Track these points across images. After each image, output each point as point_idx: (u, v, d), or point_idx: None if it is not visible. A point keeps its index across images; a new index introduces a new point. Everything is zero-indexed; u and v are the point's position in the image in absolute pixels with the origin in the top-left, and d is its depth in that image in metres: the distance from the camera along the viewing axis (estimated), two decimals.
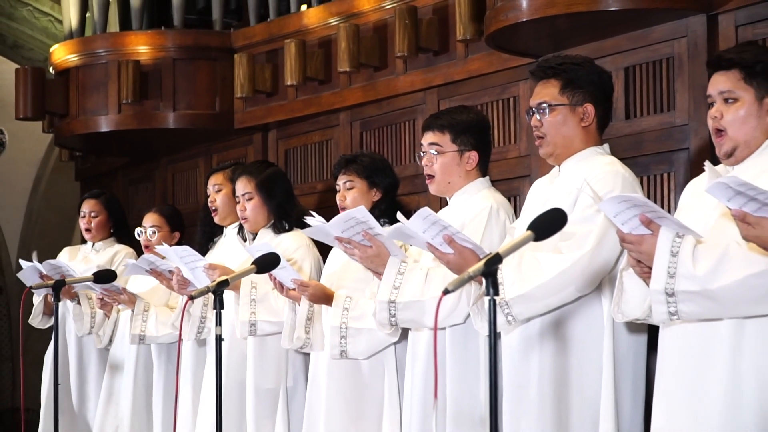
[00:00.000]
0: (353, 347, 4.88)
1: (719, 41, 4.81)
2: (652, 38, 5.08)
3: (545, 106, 4.19)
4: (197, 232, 6.29)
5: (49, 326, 6.71)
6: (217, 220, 6.06)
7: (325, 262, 5.41)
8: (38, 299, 6.86)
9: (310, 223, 4.67)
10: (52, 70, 7.99)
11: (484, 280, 2.98)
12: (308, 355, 5.29)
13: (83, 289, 6.41)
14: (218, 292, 4.37)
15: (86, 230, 7.01)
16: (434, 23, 6.08)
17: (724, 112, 3.55)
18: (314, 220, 4.63)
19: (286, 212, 5.65)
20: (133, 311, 6.19)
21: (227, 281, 4.42)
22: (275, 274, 4.99)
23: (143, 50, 7.46)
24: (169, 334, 6.13)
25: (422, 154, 4.67)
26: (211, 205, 6.04)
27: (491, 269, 2.98)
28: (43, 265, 6.33)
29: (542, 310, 4.04)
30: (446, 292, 2.95)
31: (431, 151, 4.63)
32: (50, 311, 6.57)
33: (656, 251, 3.36)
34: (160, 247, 5.71)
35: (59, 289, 5.67)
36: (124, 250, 6.96)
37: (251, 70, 7.12)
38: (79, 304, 6.58)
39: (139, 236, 6.57)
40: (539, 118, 4.21)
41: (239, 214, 5.71)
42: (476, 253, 3.98)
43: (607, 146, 4.26)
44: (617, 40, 5.20)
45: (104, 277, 5.91)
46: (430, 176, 4.67)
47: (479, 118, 4.76)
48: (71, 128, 7.78)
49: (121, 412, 6.49)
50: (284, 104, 7.10)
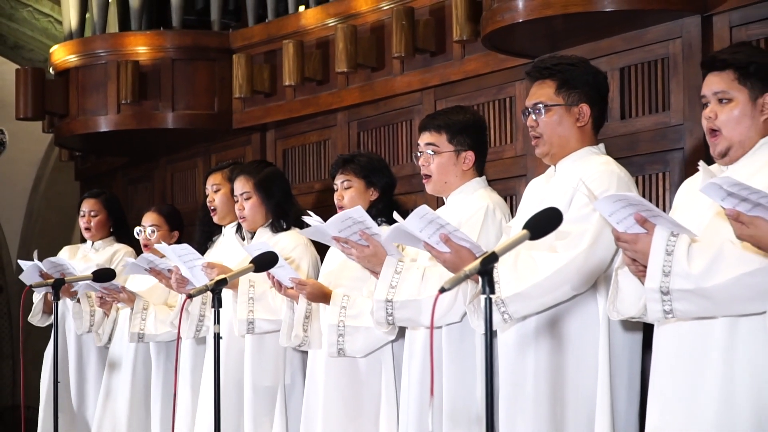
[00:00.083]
0: (351, 345, 4.88)
1: (714, 42, 4.82)
2: (647, 39, 5.09)
3: (541, 106, 4.18)
4: (196, 231, 6.28)
5: (48, 324, 6.71)
6: (216, 219, 6.05)
7: (322, 261, 5.41)
8: (38, 297, 6.86)
9: (307, 222, 4.68)
10: (52, 70, 7.99)
11: (480, 278, 3.00)
12: (306, 353, 5.28)
13: (83, 288, 6.39)
14: (217, 290, 4.39)
15: (86, 229, 7.00)
16: (431, 24, 6.09)
17: (718, 112, 3.56)
18: (312, 219, 4.63)
19: (284, 211, 5.65)
20: (132, 310, 6.19)
21: (225, 280, 4.44)
22: (273, 272, 4.99)
23: (142, 51, 7.45)
24: (168, 332, 6.13)
25: (419, 154, 4.66)
26: (209, 204, 6.04)
27: (487, 268, 2.99)
28: (43, 263, 6.34)
29: (538, 308, 4.04)
30: (442, 290, 2.95)
31: (428, 151, 4.62)
32: (50, 309, 6.57)
33: (651, 250, 3.36)
34: (158, 245, 5.71)
35: (59, 287, 5.67)
36: (123, 249, 6.95)
37: (249, 70, 7.12)
38: (78, 302, 6.57)
39: (138, 235, 6.57)
40: (535, 118, 4.20)
41: (237, 213, 5.71)
42: (473, 251, 3.97)
43: (602, 146, 4.25)
44: (613, 40, 5.20)
45: (103, 275, 5.90)
46: (426, 176, 4.66)
47: (475, 118, 4.75)
48: (71, 128, 7.78)
49: (118, 409, 6.49)
50: (282, 104, 7.10)
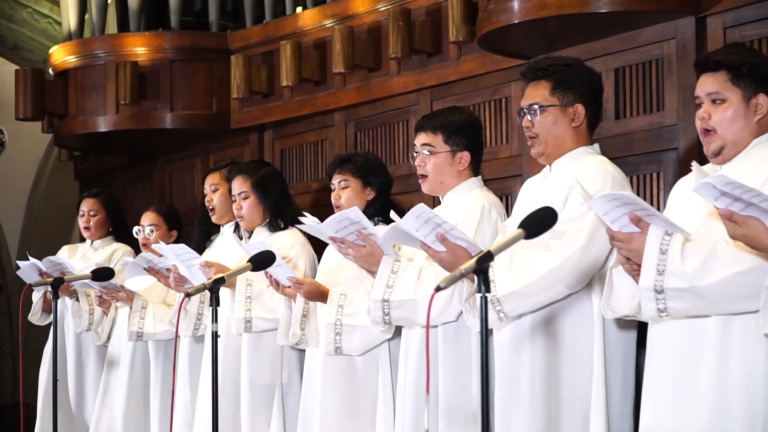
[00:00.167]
0: (348, 344, 4.89)
1: (708, 43, 4.82)
2: (641, 40, 5.09)
3: (536, 107, 4.19)
4: (194, 230, 6.29)
5: (48, 323, 6.71)
6: (214, 219, 6.06)
7: (319, 260, 5.42)
8: (37, 296, 6.86)
9: (304, 225, 4.70)
10: (51, 71, 7.98)
11: (476, 277, 3.01)
12: (303, 351, 5.29)
13: (82, 286, 6.40)
14: (214, 289, 4.40)
15: (85, 229, 7.00)
16: (427, 25, 6.08)
17: (712, 112, 3.57)
18: (308, 220, 4.65)
19: (281, 211, 5.66)
20: (131, 308, 6.20)
21: (223, 279, 4.45)
22: (271, 271, 5.00)
23: (141, 51, 7.45)
24: (166, 330, 6.14)
25: (415, 154, 4.67)
26: (208, 204, 6.05)
27: (483, 267, 3.00)
28: (42, 262, 6.34)
29: (533, 306, 4.05)
30: (438, 289, 2.96)
31: (424, 151, 4.63)
32: (49, 308, 6.59)
33: (645, 249, 3.38)
34: (157, 245, 5.71)
35: (58, 286, 5.68)
36: (122, 248, 6.95)
37: (247, 71, 7.12)
38: (77, 301, 6.58)
39: (137, 234, 6.58)
40: (530, 119, 4.21)
41: (235, 212, 5.72)
42: (468, 250, 3.98)
43: (597, 146, 4.26)
44: (608, 41, 5.20)
45: (102, 274, 5.90)
46: (422, 176, 4.67)
47: (471, 118, 4.76)
48: (70, 128, 7.78)
49: (114, 407, 6.49)
50: (280, 105, 7.10)
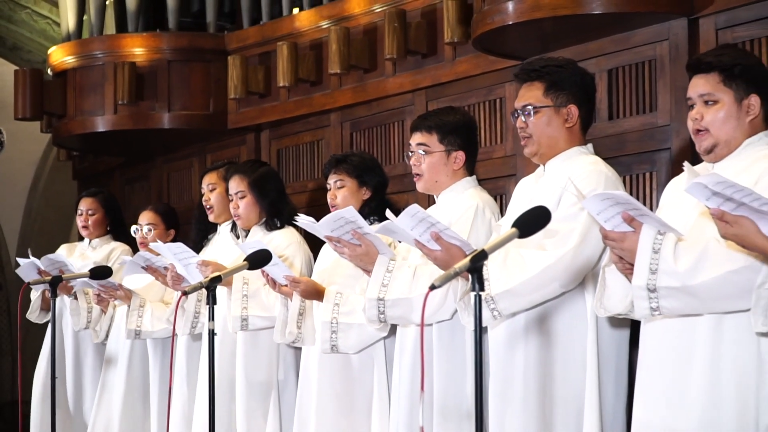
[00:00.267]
0: (344, 342, 4.89)
1: (700, 44, 4.83)
2: (634, 41, 5.10)
3: (530, 108, 4.20)
4: (192, 229, 6.31)
5: (46, 321, 6.73)
6: (211, 218, 6.08)
7: (315, 259, 5.44)
8: (36, 295, 6.88)
9: (299, 223, 4.71)
10: (50, 71, 7.99)
11: (470, 276, 3.04)
12: (299, 349, 5.30)
13: (80, 285, 6.41)
14: (211, 287, 4.40)
15: (83, 228, 7.02)
16: (423, 26, 6.10)
17: (704, 113, 3.59)
18: (303, 220, 4.67)
19: (278, 210, 5.68)
20: (129, 307, 6.20)
21: (220, 277, 4.45)
22: (267, 270, 5.01)
23: (139, 52, 7.46)
24: (164, 328, 6.14)
25: (410, 153, 4.68)
26: (205, 203, 6.07)
27: (477, 265, 3.03)
28: (41, 260, 6.36)
29: (527, 305, 4.07)
30: (433, 287, 2.98)
31: (419, 151, 4.64)
32: (48, 306, 6.60)
33: (638, 248, 3.40)
34: (154, 244, 5.72)
35: (56, 284, 5.71)
36: (120, 247, 6.96)
37: (244, 71, 7.13)
38: (76, 299, 6.58)
39: (135, 234, 6.58)
40: (524, 120, 4.22)
41: (232, 211, 5.74)
42: (463, 249, 4.00)
43: (590, 146, 4.28)
44: (601, 42, 5.21)
45: (100, 273, 5.91)
46: (417, 175, 4.68)
47: (466, 119, 4.77)
48: (69, 128, 7.79)
49: (112, 405, 6.49)
50: (276, 105, 7.11)
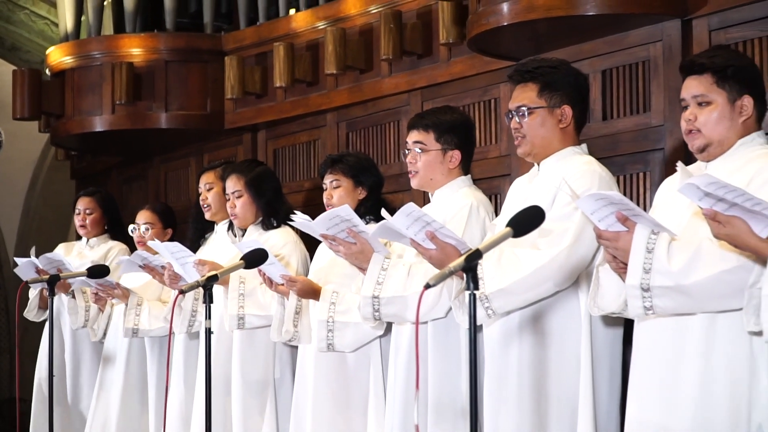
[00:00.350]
0: (340, 340, 4.91)
1: (693, 45, 4.85)
2: (628, 42, 5.12)
3: (524, 109, 4.21)
4: (189, 228, 6.32)
5: (44, 320, 6.72)
6: (208, 216, 6.09)
7: (312, 258, 5.46)
8: (34, 293, 6.90)
9: (295, 221, 4.73)
10: (48, 71, 7.99)
11: (464, 274, 3.05)
12: (295, 347, 5.31)
13: (78, 284, 6.42)
14: (208, 286, 4.42)
15: (81, 227, 7.03)
16: (418, 27, 6.11)
17: (697, 114, 3.60)
18: (298, 218, 4.68)
19: (274, 210, 5.70)
20: (126, 305, 6.21)
21: (216, 276, 4.47)
22: (264, 269, 5.01)
23: (136, 53, 7.47)
24: (161, 327, 6.15)
25: (407, 151, 4.69)
26: (202, 202, 6.08)
27: (471, 264, 3.04)
28: (39, 259, 6.37)
29: (521, 304, 4.08)
30: (428, 286, 3.00)
31: (415, 149, 4.65)
32: (46, 305, 6.57)
33: (632, 247, 3.41)
34: (152, 242, 5.75)
35: (54, 283, 5.71)
36: (117, 246, 6.97)
37: (241, 72, 7.14)
38: (74, 298, 6.60)
39: (132, 233, 6.59)
40: (518, 120, 4.23)
41: (229, 211, 5.75)
42: (458, 248, 4.01)
43: (584, 146, 4.30)
44: (595, 43, 5.23)
45: (98, 272, 5.94)
46: (413, 172, 4.69)
47: (463, 118, 4.79)
48: (67, 128, 7.80)
49: (110, 403, 6.49)
50: (273, 105, 7.12)
